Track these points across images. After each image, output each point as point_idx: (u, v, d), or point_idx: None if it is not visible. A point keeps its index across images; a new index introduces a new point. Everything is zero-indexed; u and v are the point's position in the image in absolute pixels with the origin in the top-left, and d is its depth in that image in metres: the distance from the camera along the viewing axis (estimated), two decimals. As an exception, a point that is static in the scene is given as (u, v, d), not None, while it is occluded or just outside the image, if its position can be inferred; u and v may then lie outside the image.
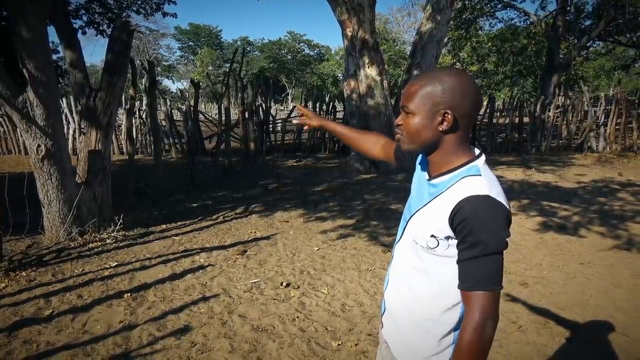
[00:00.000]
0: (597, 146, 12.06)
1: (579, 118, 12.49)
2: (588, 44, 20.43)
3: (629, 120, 12.14)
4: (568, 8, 18.24)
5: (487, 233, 1.09)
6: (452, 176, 1.20)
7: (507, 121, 12.78)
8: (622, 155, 11.38)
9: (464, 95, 1.16)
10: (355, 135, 1.82)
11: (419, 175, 1.36)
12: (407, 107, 1.22)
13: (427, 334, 1.27)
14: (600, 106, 12.23)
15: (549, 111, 12.24)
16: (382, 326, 1.47)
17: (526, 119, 12.62)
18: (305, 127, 1.92)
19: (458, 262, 1.15)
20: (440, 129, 1.19)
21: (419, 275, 1.28)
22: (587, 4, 20.97)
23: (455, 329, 1.23)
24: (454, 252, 1.17)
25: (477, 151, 1.25)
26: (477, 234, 1.09)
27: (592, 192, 7.48)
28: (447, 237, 1.17)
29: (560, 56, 18.27)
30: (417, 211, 1.28)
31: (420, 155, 1.40)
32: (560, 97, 15.71)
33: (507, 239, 1.12)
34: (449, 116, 1.17)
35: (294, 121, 1.94)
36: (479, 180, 1.15)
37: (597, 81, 34.59)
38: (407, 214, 1.36)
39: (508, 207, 1.14)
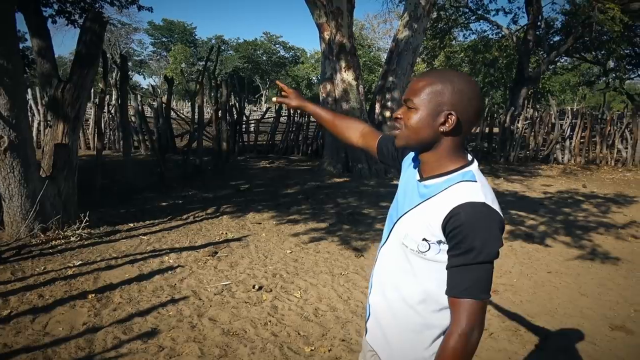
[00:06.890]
0: (562, 158, 12.44)
1: (546, 130, 12.85)
2: (556, 59, 21.08)
3: (592, 135, 12.58)
4: (539, 23, 18.73)
5: (481, 241, 1.07)
6: (446, 180, 1.17)
7: (477, 130, 13.03)
8: (586, 167, 11.77)
9: (470, 100, 1.14)
10: (337, 119, 1.72)
11: (409, 174, 1.32)
12: (411, 102, 1.17)
13: (416, 337, 1.24)
14: (566, 119, 12.62)
15: (518, 122, 12.55)
16: (367, 332, 1.42)
17: (496, 129, 12.90)
18: (284, 107, 1.84)
19: (448, 268, 1.13)
20: (441, 129, 1.16)
21: (407, 278, 1.25)
22: (557, 20, 21.71)
23: (445, 332, 1.20)
24: (444, 257, 1.15)
25: (470, 157, 1.23)
26: (471, 242, 1.07)
27: (557, 202, 7.68)
28: (439, 242, 1.15)
29: (530, 69, 18.77)
30: (406, 212, 1.24)
31: (412, 154, 1.36)
32: (528, 109, 16.13)
33: (499, 249, 1.10)
34: (453, 118, 1.14)
35: (273, 99, 1.80)
36: (474, 186, 1.13)
37: (562, 95, 35.77)
38: (394, 215, 1.32)
39: (502, 216, 1.12)
